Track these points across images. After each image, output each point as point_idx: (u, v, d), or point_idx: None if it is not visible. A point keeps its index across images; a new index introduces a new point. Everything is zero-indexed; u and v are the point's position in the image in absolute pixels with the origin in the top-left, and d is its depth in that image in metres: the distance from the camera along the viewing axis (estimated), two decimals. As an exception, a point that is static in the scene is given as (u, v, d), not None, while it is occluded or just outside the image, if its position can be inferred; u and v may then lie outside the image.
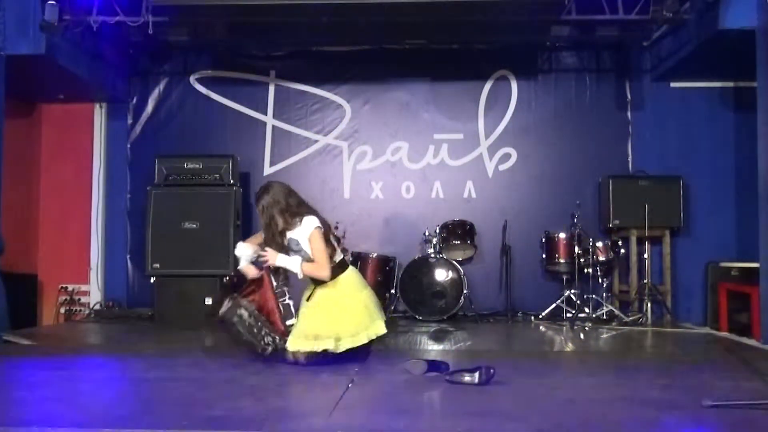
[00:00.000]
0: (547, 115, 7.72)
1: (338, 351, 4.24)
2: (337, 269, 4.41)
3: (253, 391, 3.63)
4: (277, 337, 4.34)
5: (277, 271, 4.47)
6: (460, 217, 7.20)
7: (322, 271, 4.34)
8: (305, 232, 4.35)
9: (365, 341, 4.32)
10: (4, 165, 6.04)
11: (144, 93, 7.90)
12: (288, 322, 4.39)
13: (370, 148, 7.77)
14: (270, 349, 4.33)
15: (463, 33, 7.33)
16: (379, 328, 4.38)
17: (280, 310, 4.40)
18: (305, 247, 4.37)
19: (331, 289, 4.40)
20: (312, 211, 4.46)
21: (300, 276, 4.42)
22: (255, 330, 4.34)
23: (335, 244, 4.48)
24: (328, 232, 4.45)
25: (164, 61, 7.88)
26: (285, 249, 4.43)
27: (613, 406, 3.33)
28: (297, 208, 4.42)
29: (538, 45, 7.71)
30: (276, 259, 4.39)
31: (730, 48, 6.11)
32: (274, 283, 4.43)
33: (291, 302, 4.41)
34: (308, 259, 4.38)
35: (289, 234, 4.41)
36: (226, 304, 4.41)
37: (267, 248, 4.43)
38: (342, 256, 4.51)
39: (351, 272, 4.51)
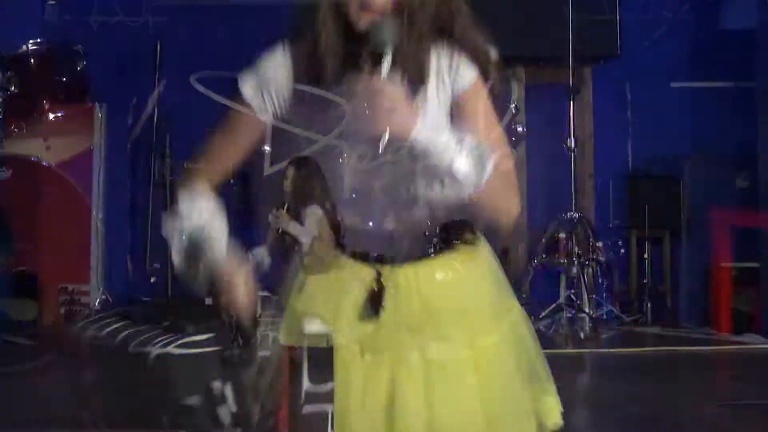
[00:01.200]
0: (547, 114, 7.69)
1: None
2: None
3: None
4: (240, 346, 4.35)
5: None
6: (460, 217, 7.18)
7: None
8: None
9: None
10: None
11: (144, 93, 7.88)
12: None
13: (370, 148, 7.73)
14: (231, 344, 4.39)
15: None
16: None
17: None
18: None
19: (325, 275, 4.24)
20: (328, 202, 4.31)
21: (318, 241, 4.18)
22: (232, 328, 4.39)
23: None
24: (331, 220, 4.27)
25: (164, 61, 7.86)
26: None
27: (614, 406, 3.33)
28: (317, 192, 4.28)
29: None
30: (289, 225, 4.25)
31: (730, 48, 6.11)
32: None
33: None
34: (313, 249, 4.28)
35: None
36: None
37: (280, 212, 4.32)
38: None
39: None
